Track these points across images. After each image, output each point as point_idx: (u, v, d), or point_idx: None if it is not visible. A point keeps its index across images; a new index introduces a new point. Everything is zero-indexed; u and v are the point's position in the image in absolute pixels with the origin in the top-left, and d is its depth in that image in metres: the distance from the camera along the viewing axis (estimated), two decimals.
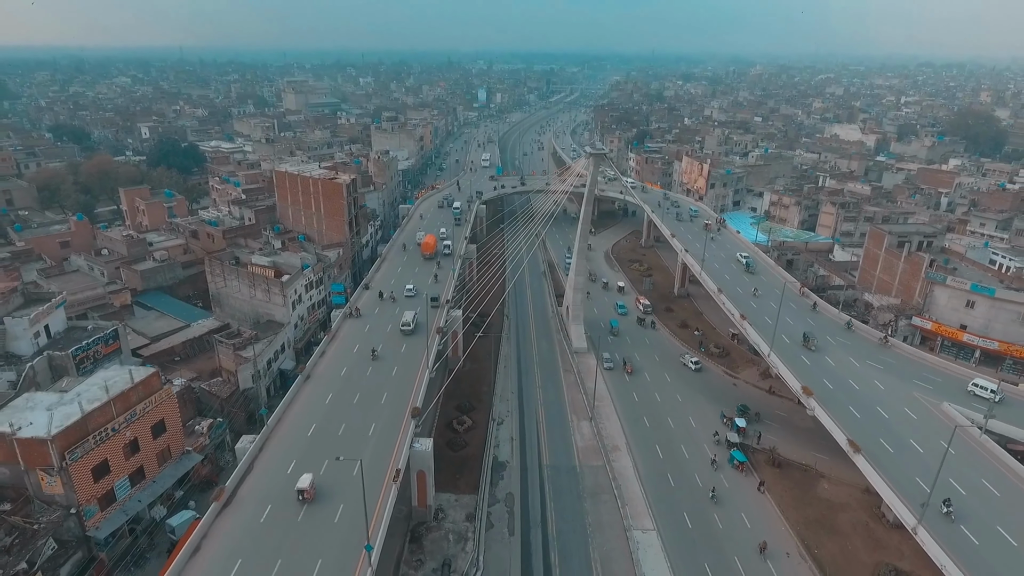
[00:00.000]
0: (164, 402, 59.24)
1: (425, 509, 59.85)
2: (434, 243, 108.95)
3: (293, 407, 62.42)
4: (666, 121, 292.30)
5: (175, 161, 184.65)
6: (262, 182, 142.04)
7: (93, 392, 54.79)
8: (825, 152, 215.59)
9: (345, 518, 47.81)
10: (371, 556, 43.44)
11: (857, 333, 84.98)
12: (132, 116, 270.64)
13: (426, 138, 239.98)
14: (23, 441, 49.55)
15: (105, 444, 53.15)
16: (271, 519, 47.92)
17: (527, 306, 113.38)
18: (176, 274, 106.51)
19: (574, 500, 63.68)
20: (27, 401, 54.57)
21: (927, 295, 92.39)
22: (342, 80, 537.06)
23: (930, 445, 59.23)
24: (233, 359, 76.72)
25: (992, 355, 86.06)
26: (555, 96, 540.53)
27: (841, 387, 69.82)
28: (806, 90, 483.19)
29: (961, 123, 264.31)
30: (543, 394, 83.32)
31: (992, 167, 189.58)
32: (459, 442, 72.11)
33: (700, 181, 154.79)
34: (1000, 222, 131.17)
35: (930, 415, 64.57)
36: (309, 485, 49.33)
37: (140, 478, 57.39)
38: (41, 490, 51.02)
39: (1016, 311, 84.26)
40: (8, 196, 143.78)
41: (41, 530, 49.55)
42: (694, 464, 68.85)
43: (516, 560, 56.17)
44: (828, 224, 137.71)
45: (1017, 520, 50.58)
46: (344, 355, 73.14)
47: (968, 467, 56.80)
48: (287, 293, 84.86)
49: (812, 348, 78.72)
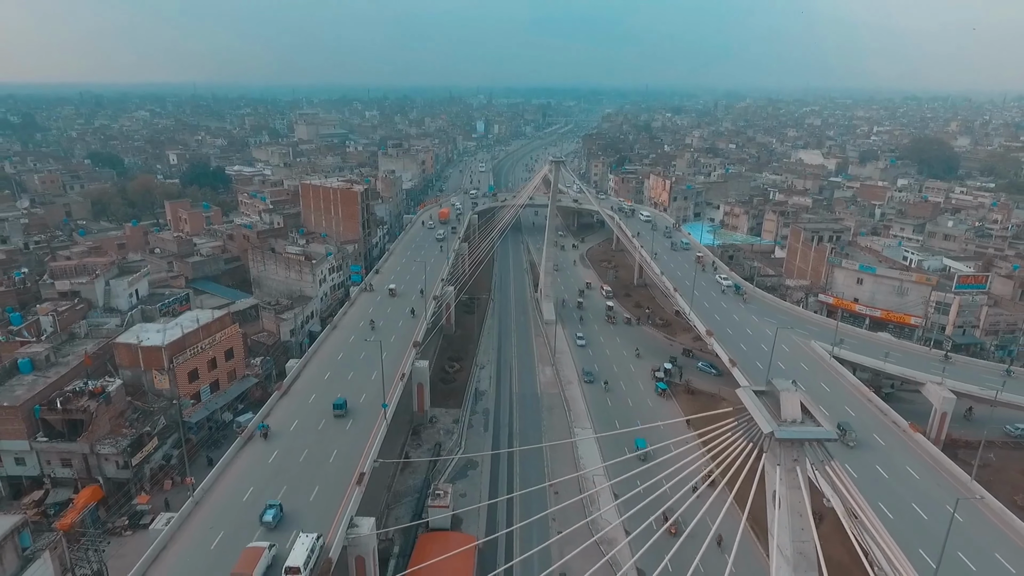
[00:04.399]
0: (233, 335, 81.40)
1: (423, 414, 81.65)
2: (448, 212, 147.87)
3: (325, 345, 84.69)
4: (648, 148, 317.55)
5: (205, 182, 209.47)
6: (286, 196, 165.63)
7: (188, 322, 77.06)
8: (787, 174, 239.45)
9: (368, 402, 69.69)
10: (386, 411, 65.28)
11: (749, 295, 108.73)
12: (160, 145, 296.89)
13: (427, 162, 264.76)
14: (144, 348, 71.65)
15: (196, 357, 75.16)
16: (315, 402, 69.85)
17: (509, 292, 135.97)
18: (219, 266, 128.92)
19: (534, 412, 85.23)
20: (140, 328, 76.85)
21: (829, 276, 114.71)
22: (349, 113, 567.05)
23: (792, 364, 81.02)
24: (275, 321, 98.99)
25: (877, 321, 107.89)
26: (550, 127, 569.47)
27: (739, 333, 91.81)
28: (786, 121, 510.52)
29: (915, 148, 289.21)
30: (517, 350, 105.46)
31: (932, 185, 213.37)
32: (450, 378, 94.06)
33: (664, 195, 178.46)
34: (916, 227, 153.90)
35: (800, 348, 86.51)
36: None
37: (216, 388, 79.22)
38: (154, 385, 72.86)
39: (892, 285, 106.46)
40: (68, 209, 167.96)
41: (155, 411, 71.27)
42: (629, 393, 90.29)
43: (488, 445, 77.60)
44: (771, 230, 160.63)
45: (831, 394, 72.10)
46: (362, 314, 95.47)
47: (815, 376, 78.45)
48: (315, 272, 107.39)
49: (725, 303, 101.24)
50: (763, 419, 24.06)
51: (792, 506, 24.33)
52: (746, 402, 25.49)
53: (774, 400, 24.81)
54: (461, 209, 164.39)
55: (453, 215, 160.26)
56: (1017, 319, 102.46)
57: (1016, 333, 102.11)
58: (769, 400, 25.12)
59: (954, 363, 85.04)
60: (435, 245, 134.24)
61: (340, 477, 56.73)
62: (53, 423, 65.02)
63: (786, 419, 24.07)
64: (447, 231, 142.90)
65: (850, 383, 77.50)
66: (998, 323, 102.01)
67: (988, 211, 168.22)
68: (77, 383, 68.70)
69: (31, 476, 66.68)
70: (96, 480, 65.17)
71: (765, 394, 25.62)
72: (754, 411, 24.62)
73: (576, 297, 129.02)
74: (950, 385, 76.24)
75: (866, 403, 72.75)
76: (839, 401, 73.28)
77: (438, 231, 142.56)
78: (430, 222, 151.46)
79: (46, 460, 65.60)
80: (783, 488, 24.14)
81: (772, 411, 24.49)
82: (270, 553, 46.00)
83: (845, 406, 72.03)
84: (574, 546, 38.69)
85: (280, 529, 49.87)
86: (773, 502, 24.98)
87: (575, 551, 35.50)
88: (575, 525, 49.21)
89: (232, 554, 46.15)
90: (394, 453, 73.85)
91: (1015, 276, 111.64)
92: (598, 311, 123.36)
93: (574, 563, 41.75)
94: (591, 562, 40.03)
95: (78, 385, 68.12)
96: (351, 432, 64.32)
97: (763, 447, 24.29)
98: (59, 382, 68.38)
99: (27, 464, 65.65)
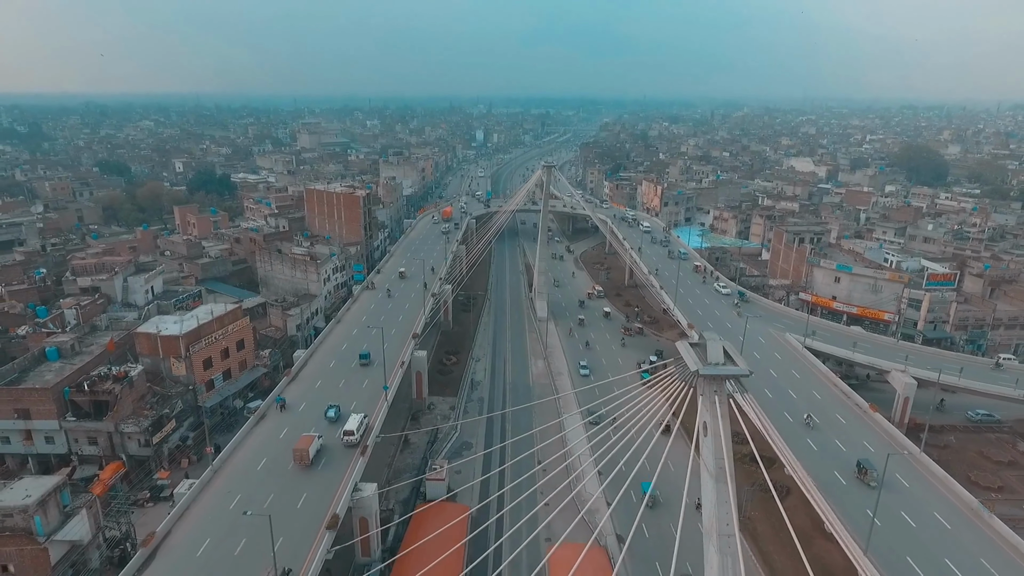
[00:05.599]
0: (244, 327, 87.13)
1: (421, 401, 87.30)
2: (451, 211, 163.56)
3: (330, 337, 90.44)
4: (643, 156, 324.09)
5: (211, 188, 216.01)
6: (290, 201, 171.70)
7: (203, 314, 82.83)
8: (778, 181, 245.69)
9: (370, 387, 75.44)
10: (387, 393, 71.04)
11: (752, 302, 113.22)
12: (166, 153, 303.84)
13: (427, 170, 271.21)
14: (163, 337, 77.35)
15: (210, 346, 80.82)
16: (329, 376, 75.60)
17: (505, 292, 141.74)
18: (227, 268, 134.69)
19: (526, 400, 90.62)
20: (158, 319, 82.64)
21: (809, 275, 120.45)
22: (351, 123, 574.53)
23: (767, 353, 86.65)
24: (282, 317, 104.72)
25: (853, 317, 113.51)
26: (549, 137, 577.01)
27: (719, 327, 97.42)
28: (782, 130, 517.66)
29: (904, 156, 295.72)
30: (511, 344, 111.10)
31: (917, 191, 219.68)
32: (447, 370, 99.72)
33: (655, 200, 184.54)
34: (898, 230, 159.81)
35: (775, 340, 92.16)
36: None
37: (228, 376, 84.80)
38: (172, 372, 78.49)
39: (867, 283, 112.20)
40: (80, 214, 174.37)
41: (173, 395, 76.88)
42: (617, 385, 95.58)
43: (482, 430, 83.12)
44: (758, 233, 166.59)
45: (801, 380, 77.65)
46: (363, 310, 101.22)
47: (789, 364, 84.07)
48: (320, 271, 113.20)
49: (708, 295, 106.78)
50: (692, 361, 29.66)
51: (715, 430, 29.88)
52: (682, 351, 31.09)
53: (703, 349, 30.39)
54: (465, 208, 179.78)
55: (457, 213, 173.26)
56: (985, 315, 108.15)
57: (984, 328, 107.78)
58: (700, 350, 30.68)
59: (922, 353, 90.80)
60: (438, 240, 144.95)
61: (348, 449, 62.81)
62: (81, 404, 70.58)
63: (711, 361, 29.64)
64: (451, 226, 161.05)
65: (819, 371, 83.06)
66: (967, 318, 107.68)
67: (968, 215, 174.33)
68: (101, 368, 74.34)
69: (59, 454, 72.23)
70: (119, 457, 70.72)
71: (698, 346, 31.18)
72: (687, 356, 30.23)
73: (576, 312, 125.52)
74: (913, 372, 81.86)
75: (832, 388, 78.34)
76: (808, 386, 78.87)
77: (443, 226, 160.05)
78: (436, 218, 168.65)
79: (74, 439, 71.17)
80: (708, 416, 29.73)
81: (701, 356, 30.06)
82: (319, 440, 62.12)
83: (813, 391, 77.64)
84: (560, 517, 43.97)
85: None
86: (703, 430, 30.55)
87: (557, 513, 40.81)
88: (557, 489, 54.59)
89: (245, 513, 51.93)
90: (393, 436, 79.31)
91: (985, 275, 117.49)
92: (589, 304, 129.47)
93: (558, 527, 47.04)
94: (575, 529, 45.42)
95: (102, 370, 73.76)
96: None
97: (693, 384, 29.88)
98: (85, 367, 74.04)
99: (56, 442, 71.21)
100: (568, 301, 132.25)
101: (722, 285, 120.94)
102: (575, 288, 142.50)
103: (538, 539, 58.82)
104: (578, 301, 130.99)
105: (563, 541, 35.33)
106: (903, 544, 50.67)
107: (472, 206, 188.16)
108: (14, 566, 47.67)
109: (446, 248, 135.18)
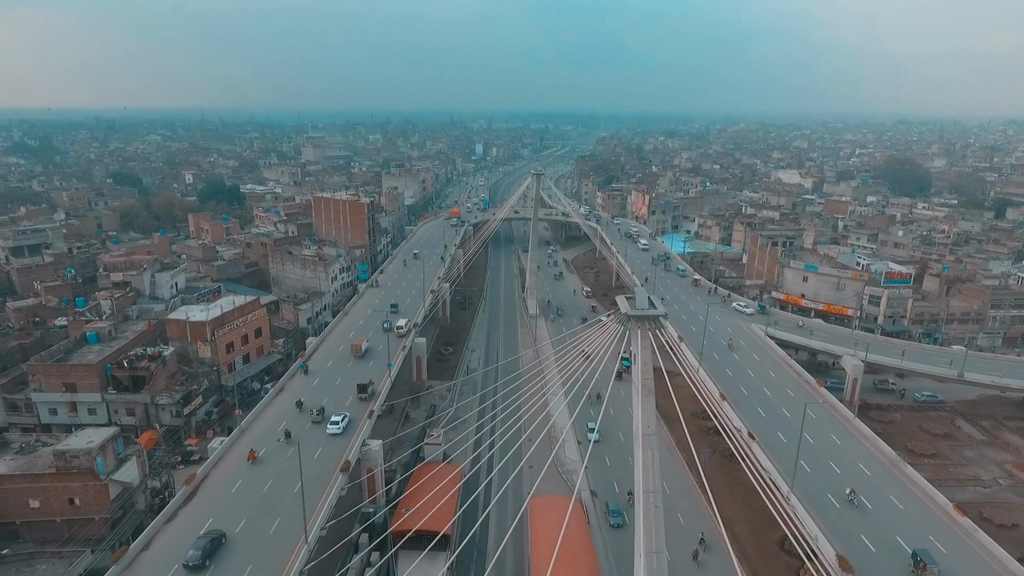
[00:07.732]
0: (261, 317, 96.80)
1: (420, 383, 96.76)
2: (458, 211, 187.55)
3: (336, 328, 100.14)
4: (637, 169, 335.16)
5: (221, 198, 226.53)
6: (298, 209, 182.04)
7: (225, 304, 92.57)
8: (764, 192, 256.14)
9: (379, 359, 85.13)
10: (391, 369, 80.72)
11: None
12: (176, 165, 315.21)
13: (428, 181, 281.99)
14: (191, 323, 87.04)
15: (232, 332, 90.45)
16: (334, 363, 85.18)
17: (500, 292, 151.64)
18: (240, 270, 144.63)
19: (515, 381, 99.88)
20: (185, 309, 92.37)
21: (780, 275, 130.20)
22: (353, 137, 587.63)
23: (733, 339, 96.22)
24: (294, 311, 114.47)
25: (820, 313, 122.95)
26: (547, 150, 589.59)
27: (693, 319, 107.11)
28: (775, 144, 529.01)
29: (888, 168, 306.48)
30: (504, 337, 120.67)
31: (896, 201, 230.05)
32: (445, 358, 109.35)
33: (643, 208, 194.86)
34: (871, 236, 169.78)
35: (742, 329, 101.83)
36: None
37: (247, 360, 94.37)
38: (198, 354, 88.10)
39: (831, 282, 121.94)
40: (99, 221, 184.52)
41: (200, 374, 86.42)
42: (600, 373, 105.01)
43: (476, 407, 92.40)
44: (739, 239, 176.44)
45: (761, 362, 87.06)
46: (369, 304, 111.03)
47: (752, 349, 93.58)
48: (328, 271, 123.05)
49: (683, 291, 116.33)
50: (625, 307, 39.23)
51: (643, 358, 39.43)
52: (619, 303, 40.66)
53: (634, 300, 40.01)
54: (471, 209, 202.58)
55: (464, 213, 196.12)
56: (939, 310, 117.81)
57: (939, 322, 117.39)
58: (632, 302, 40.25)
59: (876, 341, 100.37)
60: (438, 243, 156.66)
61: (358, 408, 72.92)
62: (121, 379, 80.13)
63: (639, 308, 39.19)
64: (458, 221, 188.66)
65: (778, 354, 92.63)
66: (923, 313, 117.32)
67: (939, 222, 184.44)
68: (137, 349, 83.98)
69: (100, 425, 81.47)
70: (154, 427, 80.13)
71: (632, 298, 40.70)
72: (621, 305, 39.82)
73: (567, 309, 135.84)
74: (863, 357, 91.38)
75: (787, 368, 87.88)
76: (766, 367, 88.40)
77: (451, 221, 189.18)
78: (444, 214, 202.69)
79: (114, 410, 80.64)
80: (638, 348, 39.24)
81: (632, 305, 39.59)
82: (367, 343, 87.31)
83: (770, 371, 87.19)
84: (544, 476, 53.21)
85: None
86: (634, 360, 40.16)
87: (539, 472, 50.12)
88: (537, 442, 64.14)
89: (269, 464, 61.45)
90: (396, 413, 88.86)
91: (943, 275, 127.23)
92: (578, 302, 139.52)
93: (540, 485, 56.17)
94: (555, 486, 53.78)
95: (139, 350, 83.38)
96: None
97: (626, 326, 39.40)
98: (123, 348, 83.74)
99: (97, 414, 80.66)
100: (559, 300, 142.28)
101: (744, 304, 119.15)
102: (565, 289, 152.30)
103: (521, 493, 68.09)
104: (568, 299, 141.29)
105: (539, 492, 44.39)
106: (826, 486, 60.04)
107: (472, 214, 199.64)
108: (79, 499, 57.03)
109: (448, 242, 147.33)
